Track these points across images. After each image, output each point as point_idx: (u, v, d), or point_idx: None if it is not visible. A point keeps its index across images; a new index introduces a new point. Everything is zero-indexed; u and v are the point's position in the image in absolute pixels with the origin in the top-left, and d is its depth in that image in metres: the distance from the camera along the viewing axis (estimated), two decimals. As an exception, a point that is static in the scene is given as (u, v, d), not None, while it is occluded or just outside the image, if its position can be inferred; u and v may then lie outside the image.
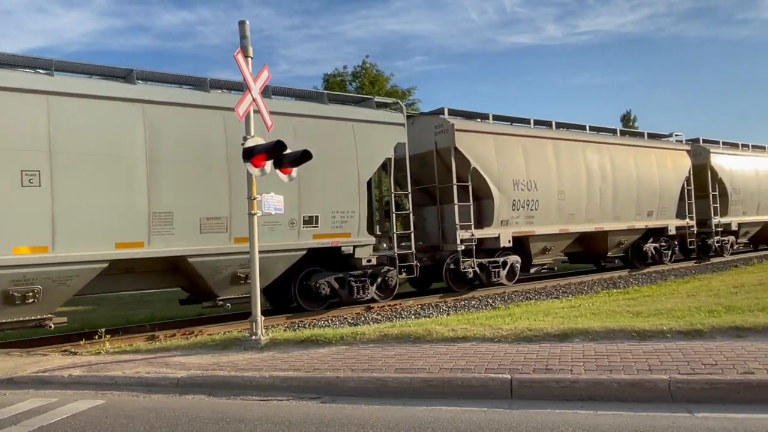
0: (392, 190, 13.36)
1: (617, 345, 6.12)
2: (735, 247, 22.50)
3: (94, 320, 12.42)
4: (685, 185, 19.78)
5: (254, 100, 7.94)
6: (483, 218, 14.54)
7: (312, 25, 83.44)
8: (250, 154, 7.74)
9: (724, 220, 21.09)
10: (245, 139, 7.86)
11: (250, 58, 7.94)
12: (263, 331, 7.90)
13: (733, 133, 79.90)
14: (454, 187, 13.81)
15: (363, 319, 11.36)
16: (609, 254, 17.85)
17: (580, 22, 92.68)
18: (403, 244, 13.19)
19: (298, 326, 10.62)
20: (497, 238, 14.36)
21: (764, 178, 23.51)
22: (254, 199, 7.90)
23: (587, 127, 17.75)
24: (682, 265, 19.26)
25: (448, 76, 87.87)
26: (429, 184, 14.62)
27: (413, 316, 11.22)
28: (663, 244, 19.17)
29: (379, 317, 11.48)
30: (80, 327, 11.13)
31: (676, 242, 19.62)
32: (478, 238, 14.10)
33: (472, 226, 13.93)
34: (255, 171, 7.82)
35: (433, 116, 14.76)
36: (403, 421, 4.59)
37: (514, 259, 15.11)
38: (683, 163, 19.95)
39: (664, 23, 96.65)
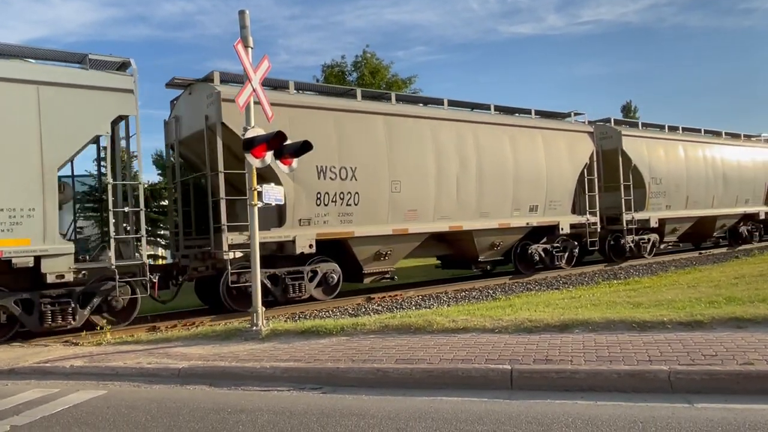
0: (110, 179, 9.81)
1: (617, 336, 6.13)
2: (662, 246, 19.41)
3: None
4: (586, 174, 16.42)
5: (254, 90, 7.91)
6: (284, 216, 11.47)
7: (311, 15, 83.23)
8: (250, 145, 7.73)
9: (641, 215, 17.62)
10: (245, 129, 7.85)
11: (250, 48, 7.90)
12: (264, 321, 7.93)
13: (736, 126, 79.46)
14: (220, 176, 10.69)
15: (364, 310, 11.39)
16: (480, 258, 14.76)
17: (581, 12, 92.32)
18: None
19: (299, 317, 10.66)
20: (293, 242, 11.28)
21: (695, 166, 19.68)
22: (255, 190, 7.91)
23: (445, 102, 14.31)
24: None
25: (449, 66, 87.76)
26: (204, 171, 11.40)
27: (414, 307, 11.25)
28: (557, 245, 16.00)
29: (380, 308, 11.51)
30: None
31: (575, 243, 16.40)
32: (275, 242, 11.27)
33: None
34: (255, 162, 7.82)
35: (207, 84, 11.34)
36: (403, 412, 4.60)
37: (329, 268, 12.03)
38: (583, 148, 16.45)
39: (666, 13, 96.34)
